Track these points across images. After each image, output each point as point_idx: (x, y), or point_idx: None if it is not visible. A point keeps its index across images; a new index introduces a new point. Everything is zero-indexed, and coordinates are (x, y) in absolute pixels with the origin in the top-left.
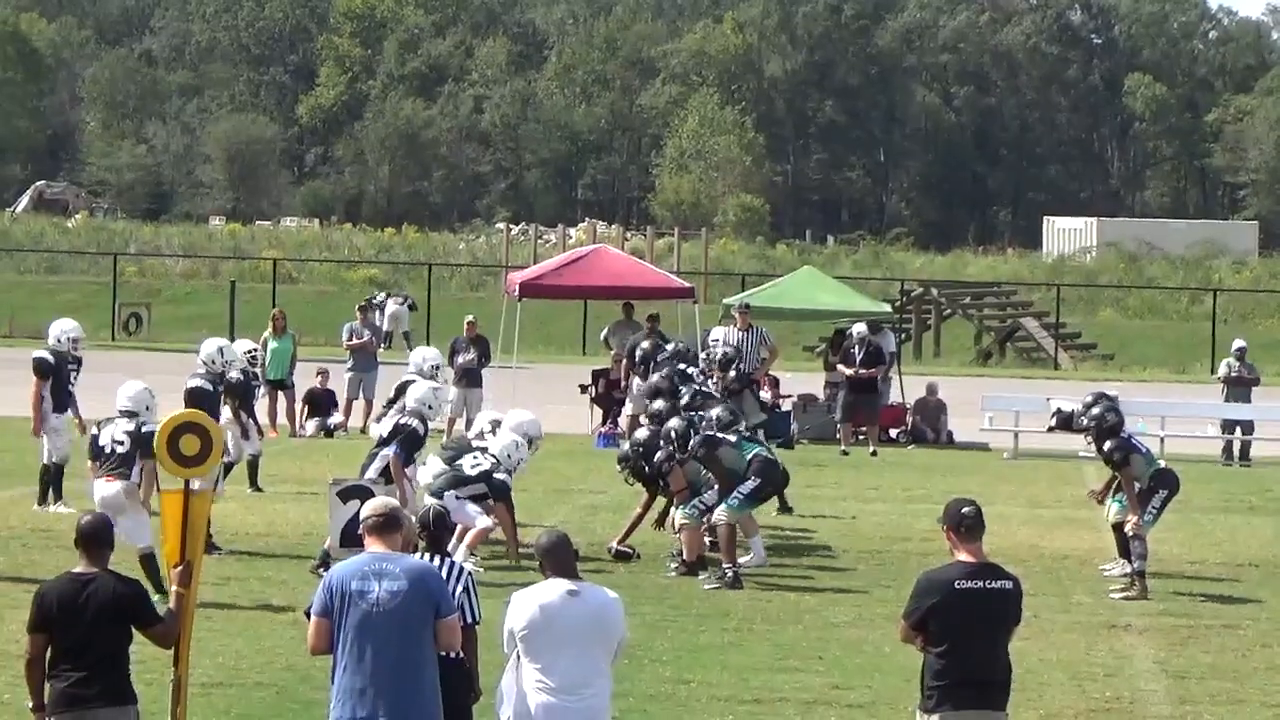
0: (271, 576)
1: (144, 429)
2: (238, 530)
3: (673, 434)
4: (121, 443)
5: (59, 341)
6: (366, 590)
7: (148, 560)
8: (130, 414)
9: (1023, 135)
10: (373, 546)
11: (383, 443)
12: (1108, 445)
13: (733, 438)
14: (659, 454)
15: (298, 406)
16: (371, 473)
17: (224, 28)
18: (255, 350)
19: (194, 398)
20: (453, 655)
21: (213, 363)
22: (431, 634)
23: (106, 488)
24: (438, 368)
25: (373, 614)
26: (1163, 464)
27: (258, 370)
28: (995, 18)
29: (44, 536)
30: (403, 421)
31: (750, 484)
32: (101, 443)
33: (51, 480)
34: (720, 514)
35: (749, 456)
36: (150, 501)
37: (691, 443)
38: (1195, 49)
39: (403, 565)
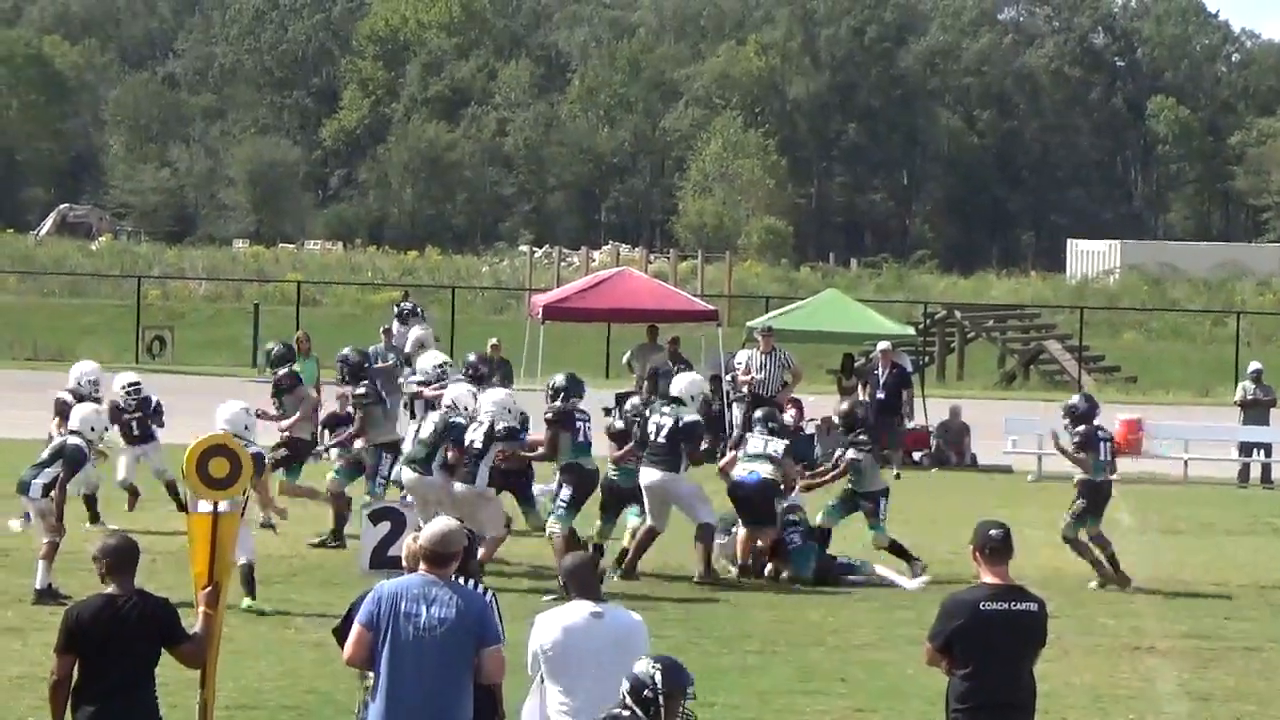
0: (295, 599)
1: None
2: (260, 553)
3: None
4: None
5: (79, 384)
6: (414, 613)
7: (244, 572)
8: None
9: (1045, 158)
10: (426, 571)
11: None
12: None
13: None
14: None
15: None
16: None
17: (247, 51)
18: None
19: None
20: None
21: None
22: (470, 665)
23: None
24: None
25: (416, 638)
26: (1104, 478)
27: None
28: (1018, 40)
29: (68, 559)
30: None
31: (566, 491)
32: None
33: (87, 504)
34: (551, 524)
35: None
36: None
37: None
38: (1218, 72)
39: (452, 593)
